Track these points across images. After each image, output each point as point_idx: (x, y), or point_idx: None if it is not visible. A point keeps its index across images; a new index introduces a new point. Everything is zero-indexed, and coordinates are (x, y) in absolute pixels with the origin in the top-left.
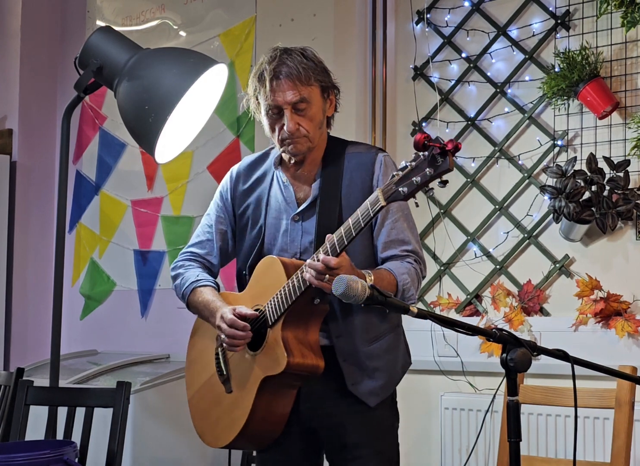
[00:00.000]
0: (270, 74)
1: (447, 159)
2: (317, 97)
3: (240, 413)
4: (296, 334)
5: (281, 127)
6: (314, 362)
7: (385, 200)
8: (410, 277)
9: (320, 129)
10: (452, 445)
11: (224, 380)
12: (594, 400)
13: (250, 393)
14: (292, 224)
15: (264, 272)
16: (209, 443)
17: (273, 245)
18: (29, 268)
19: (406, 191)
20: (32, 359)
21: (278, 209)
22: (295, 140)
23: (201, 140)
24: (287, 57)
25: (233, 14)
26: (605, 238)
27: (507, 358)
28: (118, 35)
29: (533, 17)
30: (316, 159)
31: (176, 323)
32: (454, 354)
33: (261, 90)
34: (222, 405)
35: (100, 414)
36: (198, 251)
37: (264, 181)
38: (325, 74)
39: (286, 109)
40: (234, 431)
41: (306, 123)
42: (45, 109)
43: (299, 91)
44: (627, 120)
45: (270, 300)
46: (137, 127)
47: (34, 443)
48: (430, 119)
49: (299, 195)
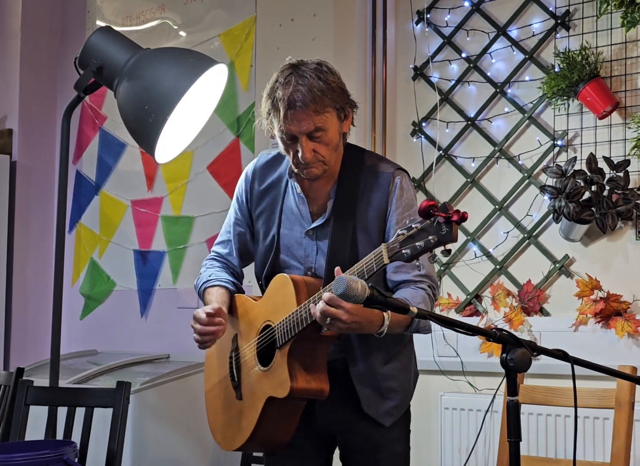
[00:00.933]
0: (284, 103)
1: (452, 230)
2: (333, 121)
3: (247, 423)
4: (303, 360)
5: (295, 152)
6: (319, 386)
7: (389, 258)
8: (425, 307)
9: (336, 150)
10: (452, 445)
11: (235, 386)
12: (594, 400)
13: (256, 407)
14: (306, 239)
15: (277, 291)
16: (219, 443)
17: (288, 256)
18: (29, 267)
19: (409, 254)
20: (32, 359)
21: (292, 221)
22: (311, 164)
23: (201, 140)
24: (301, 81)
25: (233, 14)
26: (605, 237)
27: (507, 358)
28: (118, 35)
29: (533, 17)
30: (332, 173)
31: (176, 323)
32: (454, 354)
33: (275, 115)
34: (232, 409)
35: (100, 414)
36: (221, 250)
37: (279, 186)
38: (341, 94)
39: (301, 139)
40: (240, 439)
41: (322, 149)
42: (45, 109)
43: (314, 121)
44: (627, 120)
45: (281, 322)
46: (137, 127)
47: (34, 443)
48: (430, 119)
49: (313, 209)
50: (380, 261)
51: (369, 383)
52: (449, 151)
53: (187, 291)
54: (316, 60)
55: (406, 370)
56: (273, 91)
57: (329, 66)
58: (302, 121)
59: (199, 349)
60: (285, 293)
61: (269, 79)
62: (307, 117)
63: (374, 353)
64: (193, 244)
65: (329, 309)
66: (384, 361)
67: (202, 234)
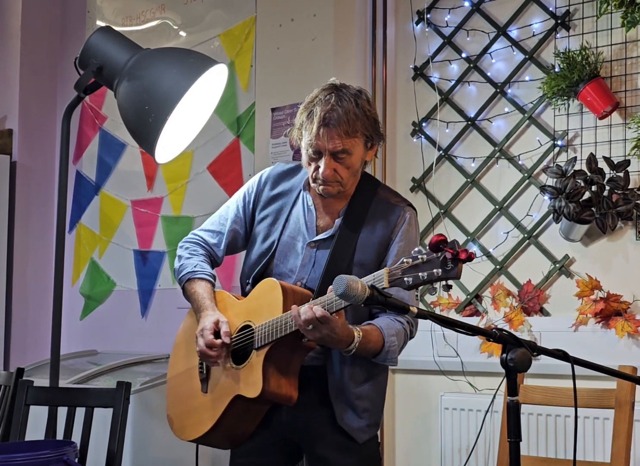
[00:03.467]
0: (320, 118)
1: (457, 268)
2: (360, 148)
3: (208, 417)
4: (277, 364)
5: (316, 167)
6: (288, 393)
7: (389, 283)
8: (398, 340)
9: (355, 176)
10: (452, 445)
11: (202, 379)
12: (594, 400)
13: (221, 403)
14: (307, 250)
15: (264, 294)
16: (174, 431)
17: (282, 263)
18: (29, 267)
19: (410, 282)
20: (32, 359)
21: (296, 230)
22: (328, 184)
23: (201, 140)
24: (340, 103)
25: (233, 14)
26: (605, 238)
27: (507, 358)
28: (118, 35)
29: (533, 17)
30: (345, 194)
31: (176, 323)
32: (454, 354)
33: (307, 127)
34: (195, 400)
35: (100, 414)
36: (208, 238)
37: (289, 196)
38: (373, 124)
39: (325, 155)
40: (198, 430)
41: (342, 170)
42: (45, 109)
43: (343, 142)
44: (627, 120)
45: (262, 324)
46: (137, 128)
47: (34, 443)
48: (430, 119)
49: (320, 223)
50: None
51: (342, 398)
52: (449, 151)
53: None
54: (358, 88)
55: (380, 393)
56: (311, 105)
57: (367, 96)
58: (332, 139)
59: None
60: (272, 297)
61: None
62: (337, 137)
63: (353, 369)
64: None
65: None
66: (360, 380)
67: None
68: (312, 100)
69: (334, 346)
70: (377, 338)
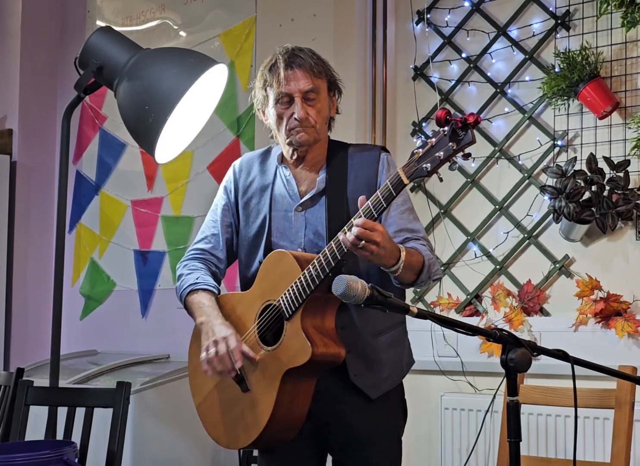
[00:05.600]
0: (285, 62)
1: (469, 132)
2: (325, 92)
3: (262, 409)
4: (314, 325)
5: (290, 115)
6: (336, 350)
7: (408, 178)
8: (432, 254)
9: (325, 124)
10: (452, 445)
11: (239, 380)
12: (594, 400)
13: (271, 388)
14: (296, 215)
15: (274, 266)
16: (228, 446)
17: (279, 238)
18: (29, 268)
19: (429, 167)
20: (32, 359)
21: (282, 203)
22: (304, 128)
23: (201, 140)
24: (300, 51)
25: (233, 14)
26: (605, 238)
27: (507, 358)
28: (118, 35)
29: (533, 17)
30: (318, 157)
31: (176, 323)
32: (454, 354)
33: (273, 79)
34: (239, 404)
35: (100, 414)
36: (203, 246)
37: (267, 174)
38: (333, 73)
39: (297, 97)
40: (257, 428)
41: (315, 114)
42: (45, 109)
43: (312, 80)
44: (627, 120)
45: (284, 293)
46: (137, 128)
47: (33, 443)
48: (430, 119)
49: (302, 189)
50: (398, 184)
51: (356, 351)
52: None
53: None
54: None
55: (397, 348)
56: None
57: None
58: (300, 79)
59: None
60: (284, 264)
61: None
62: (305, 76)
63: (364, 323)
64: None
65: (364, 232)
66: (373, 333)
67: None
68: (271, 59)
69: (385, 260)
70: (417, 254)
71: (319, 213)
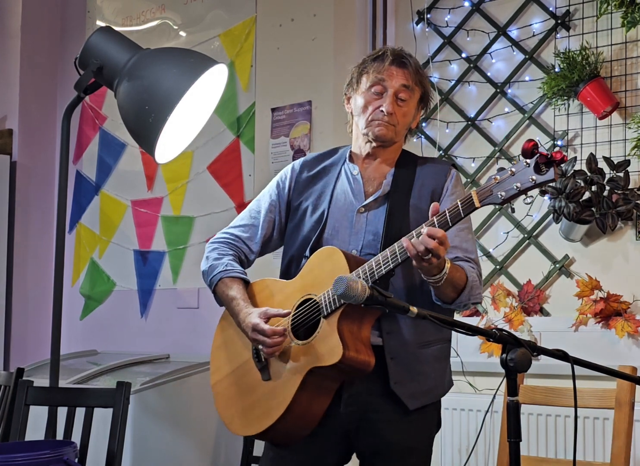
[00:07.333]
0: (392, 57)
1: (552, 170)
2: (416, 100)
3: (278, 402)
4: (351, 329)
5: (377, 106)
6: (367, 358)
7: (480, 202)
8: (478, 277)
9: (405, 130)
10: (452, 445)
11: (262, 367)
12: (594, 400)
13: (292, 383)
14: (357, 216)
15: (322, 262)
16: (236, 431)
17: (333, 236)
18: (29, 267)
19: (504, 195)
20: (32, 359)
21: (344, 201)
22: (386, 124)
23: (201, 140)
24: (409, 56)
25: (233, 14)
26: (605, 238)
27: (507, 358)
28: (118, 35)
29: (533, 17)
30: (389, 160)
31: (176, 323)
32: (454, 354)
33: (375, 67)
34: (257, 392)
35: (100, 414)
36: (240, 234)
37: (331, 172)
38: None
39: (390, 92)
40: (268, 420)
41: (400, 114)
42: (45, 109)
43: (411, 81)
44: (627, 120)
45: (328, 291)
46: (137, 128)
47: (33, 443)
48: (430, 119)
49: (368, 189)
50: (469, 206)
51: (400, 359)
52: (449, 151)
53: (187, 291)
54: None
55: (441, 363)
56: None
57: None
58: (400, 77)
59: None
60: (333, 262)
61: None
62: (406, 76)
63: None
64: (193, 244)
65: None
66: (419, 343)
67: (202, 234)
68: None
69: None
70: (461, 272)
71: (380, 216)
